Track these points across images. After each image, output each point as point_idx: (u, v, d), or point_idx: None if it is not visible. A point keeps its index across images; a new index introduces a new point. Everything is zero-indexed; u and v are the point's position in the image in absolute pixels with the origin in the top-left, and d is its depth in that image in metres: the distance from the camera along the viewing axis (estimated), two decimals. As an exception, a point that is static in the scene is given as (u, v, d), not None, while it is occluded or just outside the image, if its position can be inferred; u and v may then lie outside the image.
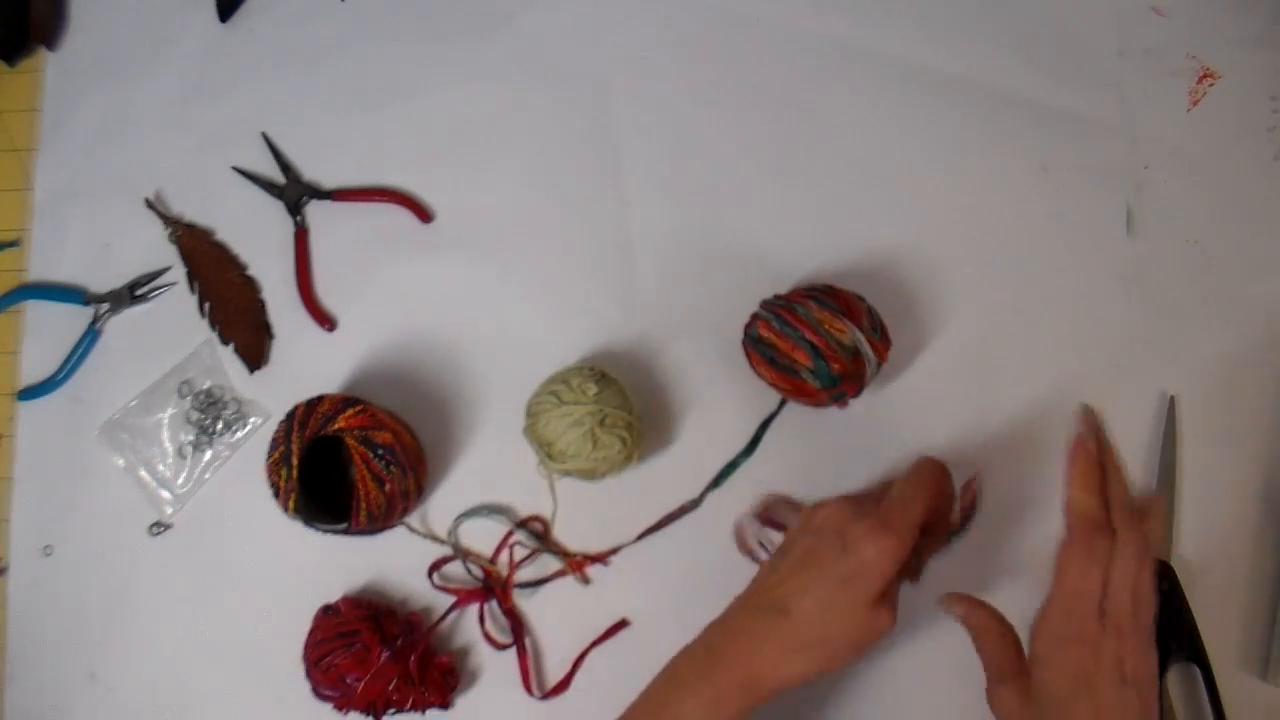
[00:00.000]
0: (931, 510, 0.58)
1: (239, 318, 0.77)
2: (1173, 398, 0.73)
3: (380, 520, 0.68)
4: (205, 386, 0.77)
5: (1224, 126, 0.77)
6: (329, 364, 0.77)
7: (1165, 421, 0.73)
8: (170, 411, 0.77)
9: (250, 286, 0.78)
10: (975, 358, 0.74)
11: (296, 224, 0.78)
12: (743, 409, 0.73)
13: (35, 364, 0.79)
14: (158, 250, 0.79)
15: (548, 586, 0.73)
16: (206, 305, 0.78)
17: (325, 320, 0.77)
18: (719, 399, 0.74)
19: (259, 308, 0.78)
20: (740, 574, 0.61)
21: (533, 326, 0.76)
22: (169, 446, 0.76)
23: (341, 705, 0.68)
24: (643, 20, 0.80)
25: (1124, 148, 0.77)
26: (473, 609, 0.72)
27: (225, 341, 0.77)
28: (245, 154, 0.80)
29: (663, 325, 0.75)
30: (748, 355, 0.69)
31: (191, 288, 0.78)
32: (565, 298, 0.77)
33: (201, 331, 0.78)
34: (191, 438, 0.76)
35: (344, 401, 0.68)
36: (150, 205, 0.79)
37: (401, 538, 0.73)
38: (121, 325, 0.79)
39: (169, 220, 0.79)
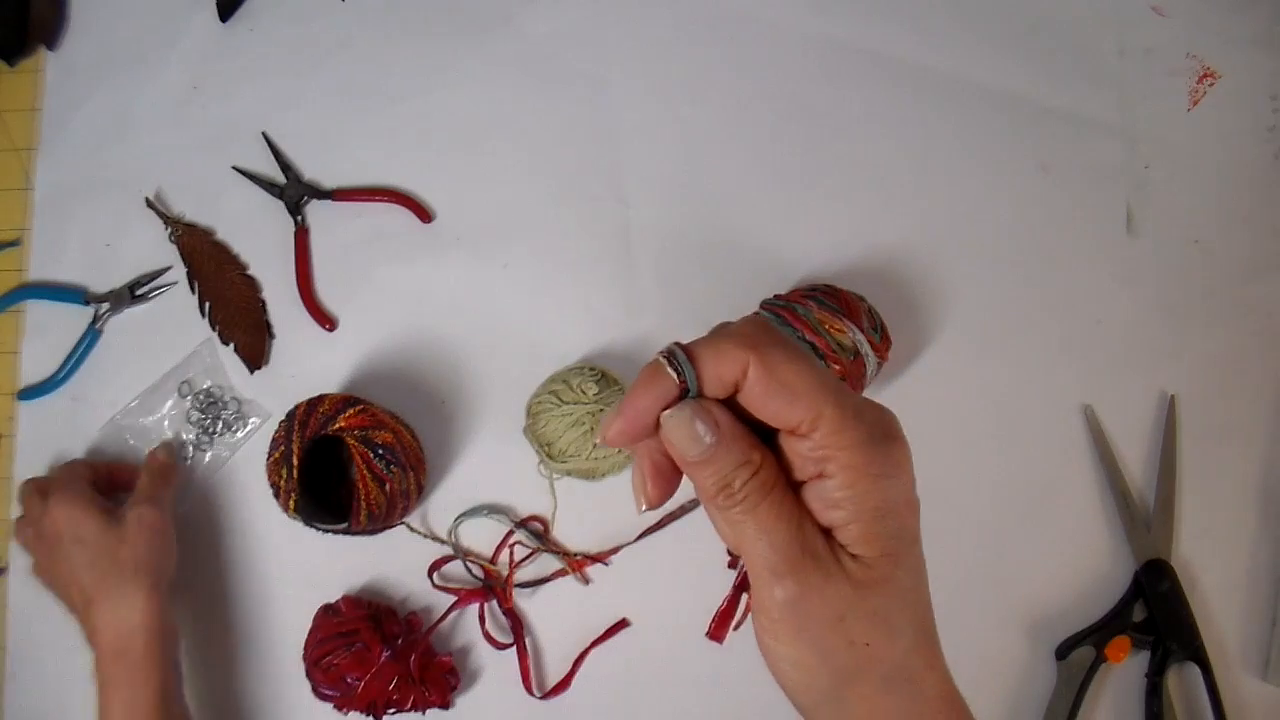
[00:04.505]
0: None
1: (239, 318, 0.77)
2: (1173, 397, 0.73)
3: (380, 520, 0.68)
4: (205, 386, 0.77)
5: (1224, 126, 0.77)
6: (329, 364, 0.77)
7: (1165, 421, 0.73)
8: (171, 412, 0.77)
9: (250, 286, 0.78)
10: (975, 358, 0.74)
11: (296, 224, 0.78)
12: (743, 409, 0.73)
13: (35, 364, 0.79)
14: (158, 250, 0.79)
15: (548, 586, 0.73)
16: (207, 305, 0.78)
17: (325, 320, 0.77)
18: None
19: (259, 307, 0.78)
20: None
21: (533, 326, 0.76)
22: (183, 435, 0.77)
23: (342, 705, 0.68)
24: (643, 20, 0.80)
25: (1124, 148, 0.77)
26: (473, 609, 0.72)
27: (225, 341, 0.77)
28: (245, 154, 0.80)
29: (663, 325, 0.75)
30: (748, 355, 0.69)
31: (192, 288, 0.78)
32: (565, 298, 0.77)
33: (202, 331, 0.78)
34: (192, 437, 0.76)
35: (344, 401, 0.68)
36: (150, 205, 0.79)
37: (401, 538, 0.73)
38: (122, 325, 0.79)
39: (169, 220, 0.79)
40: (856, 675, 0.35)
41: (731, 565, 0.39)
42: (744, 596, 0.38)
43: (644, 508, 0.37)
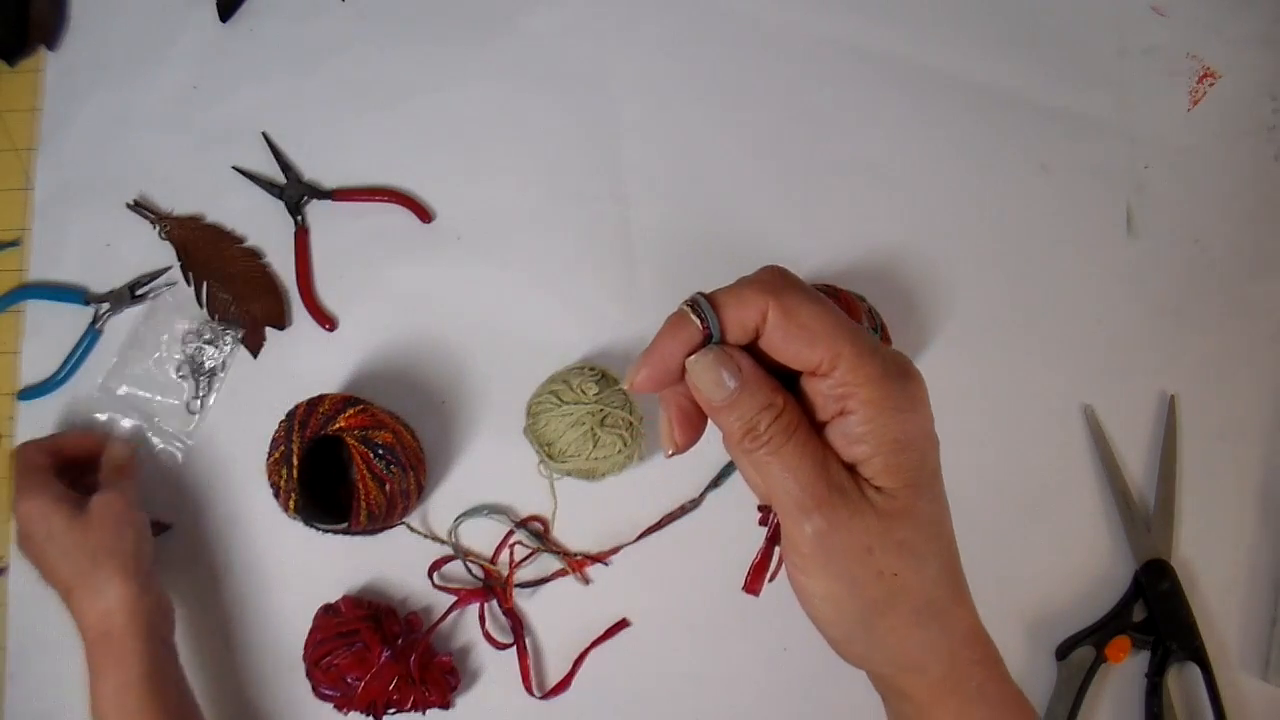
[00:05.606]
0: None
1: (250, 288, 0.77)
2: (1173, 397, 0.73)
3: (380, 520, 0.68)
4: (184, 327, 0.77)
5: (1224, 126, 0.77)
6: (329, 364, 0.77)
7: (1165, 421, 0.73)
8: (155, 355, 0.77)
9: (253, 255, 0.78)
10: (975, 358, 0.74)
11: (297, 224, 0.78)
12: (743, 409, 0.73)
13: (35, 364, 0.79)
14: (158, 249, 0.79)
15: (548, 586, 0.73)
16: (204, 293, 0.77)
17: (325, 320, 0.77)
18: (719, 399, 0.74)
19: (267, 273, 0.77)
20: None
21: (533, 326, 0.76)
22: (172, 375, 0.77)
23: (342, 705, 0.68)
24: (643, 20, 0.80)
25: (1124, 148, 0.77)
26: (473, 609, 0.72)
27: (243, 316, 0.77)
28: (245, 154, 0.80)
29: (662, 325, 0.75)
30: (748, 355, 0.69)
31: (187, 279, 0.78)
32: (565, 297, 0.77)
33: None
34: (190, 379, 0.77)
35: (344, 401, 0.68)
36: (134, 208, 0.79)
37: (401, 538, 0.73)
38: (122, 325, 0.79)
39: (156, 218, 0.79)
40: (886, 607, 0.36)
41: (762, 521, 0.40)
42: (776, 550, 0.39)
43: (670, 452, 0.38)
